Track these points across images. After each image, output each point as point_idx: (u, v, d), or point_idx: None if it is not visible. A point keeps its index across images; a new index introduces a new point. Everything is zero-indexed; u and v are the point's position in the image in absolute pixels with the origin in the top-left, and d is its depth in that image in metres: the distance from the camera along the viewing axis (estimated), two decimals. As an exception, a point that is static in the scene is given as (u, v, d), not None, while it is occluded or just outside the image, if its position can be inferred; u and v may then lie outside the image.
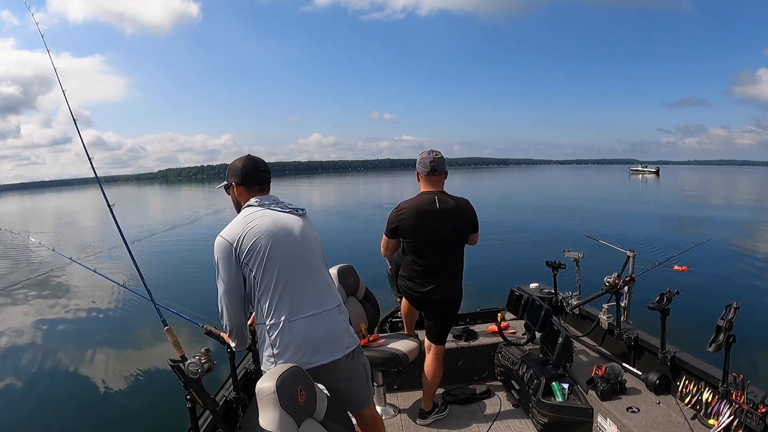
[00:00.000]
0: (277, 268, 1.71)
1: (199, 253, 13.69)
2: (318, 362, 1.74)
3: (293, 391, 1.45)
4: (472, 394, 3.04)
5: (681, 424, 2.24)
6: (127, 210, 32.51)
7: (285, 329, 1.70)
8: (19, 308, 8.89)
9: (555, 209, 23.12)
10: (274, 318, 1.71)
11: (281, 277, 1.72)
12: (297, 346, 1.71)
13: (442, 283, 2.59)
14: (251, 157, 1.88)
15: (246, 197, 1.83)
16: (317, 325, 1.75)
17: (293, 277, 1.74)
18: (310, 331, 1.73)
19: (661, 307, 2.53)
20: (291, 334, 1.71)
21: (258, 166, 1.86)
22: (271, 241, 1.71)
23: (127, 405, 4.85)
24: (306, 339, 1.72)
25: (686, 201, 28.90)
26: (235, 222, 1.75)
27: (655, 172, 73.87)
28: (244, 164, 1.84)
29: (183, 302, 2.60)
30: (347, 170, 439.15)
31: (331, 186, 70.04)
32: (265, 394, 1.40)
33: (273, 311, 1.71)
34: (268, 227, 1.73)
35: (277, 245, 1.72)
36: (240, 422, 2.45)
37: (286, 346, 1.71)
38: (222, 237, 1.71)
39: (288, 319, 1.71)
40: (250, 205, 1.80)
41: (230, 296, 1.73)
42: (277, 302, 1.71)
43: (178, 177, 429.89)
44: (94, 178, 2.21)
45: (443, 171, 2.60)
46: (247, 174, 1.84)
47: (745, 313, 2.18)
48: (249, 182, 1.84)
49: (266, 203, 1.80)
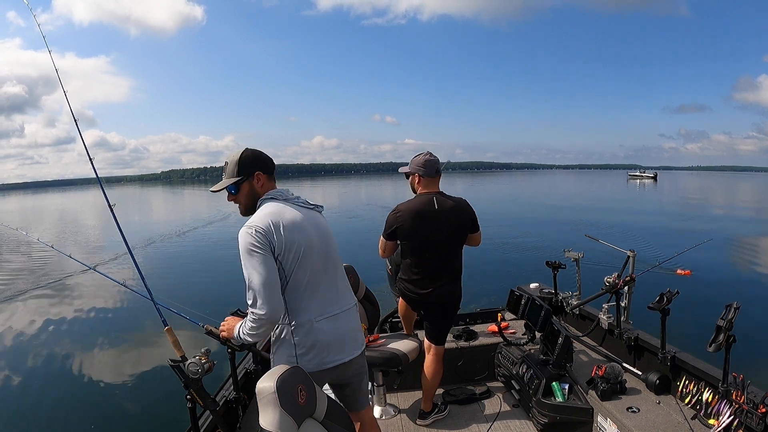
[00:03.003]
0: (310, 265, 1.66)
1: (200, 253, 13.73)
2: (340, 360, 1.73)
3: (293, 391, 1.45)
4: (472, 394, 3.04)
5: (681, 424, 2.23)
6: (129, 211, 32.55)
7: (311, 330, 1.66)
8: (19, 307, 8.89)
9: (555, 210, 23.13)
10: (301, 317, 1.66)
11: (312, 275, 1.67)
12: (321, 346, 1.68)
13: (442, 284, 2.59)
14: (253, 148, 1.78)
15: (268, 187, 1.74)
16: (339, 324, 1.74)
17: (321, 276, 1.70)
18: (334, 330, 1.71)
19: (661, 307, 2.53)
20: (316, 335, 1.67)
21: (264, 154, 1.77)
22: (305, 237, 1.66)
23: (127, 405, 4.85)
24: (330, 339, 1.70)
25: (683, 204, 28.97)
26: (266, 213, 1.64)
27: (653, 177, 73.99)
28: (258, 152, 1.74)
29: (183, 302, 2.60)
30: (350, 173, 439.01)
31: (334, 188, 70.12)
32: (266, 394, 1.39)
33: (301, 311, 1.66)
34: (301, 222, 1.67)
35: (311, 242, 1.67)
36: (240, 422, 2.45)
37: (311, 347, 1.67)
38: (256, 225, 1.59)
39: (314, 320, 1.67)
40: (273, 198, 1.71)
41: (270, 286, 1.57)
42: (307, 301, 1.67)
43: (181, 178, 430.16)
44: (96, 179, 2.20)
45: (440, 172, 2.63)
46: (269, 161, 1.75)
47: (745, 313, 2.18)
48: (271, 170, 1.75)
49: (289, 197, 1.73)
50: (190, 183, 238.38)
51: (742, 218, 20.55)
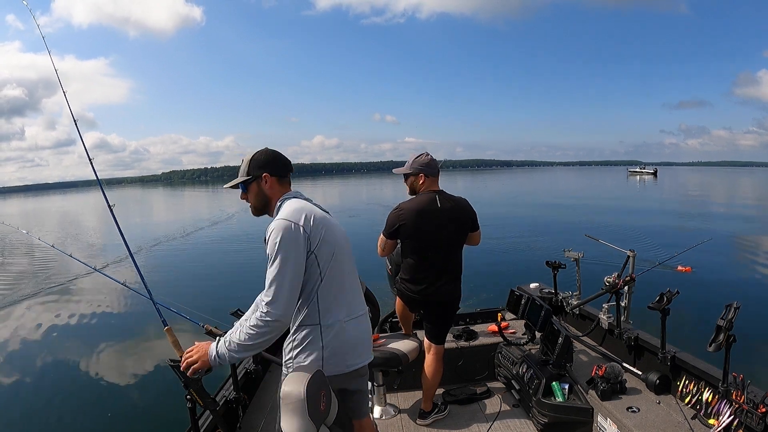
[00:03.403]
0: (342, 264, 1.64)
1: (202, 253, 13.72)
2: (360, 363, 1.71)
3: (318, 396, 1.41)
4: (472, 394, 3.04)
5: (681, 424, 2.23)
6: (130, 213, 32.57)
7: (341, 330, 1.62)
8: (19, 306, 8.89)
9: (555, 208, 23.11)
10: (332, 318, 1.62)
11: (343, 275, 1.65)
12: (347, 348, 1.65)
13: (442, 284, 2.60)
14: (272, 149, 1.72)
15: (279, 191, 1.67)
16: (362, 327, 1.73)
17: (348, 277, 1.69)
18: (358, 332, 1.70)
19: (661, 307, 2.53)
20: (345, 336, 1.64)
21: (283, 156, 1.72)
22: (335, 235, 1.63)
23: (127, 404, 4.86)
24: (356, 341, 1.68)
25: (683, 201, 28.89)
26: (298, 208, 1.59)
27: (653, 173, 73.97)
28: (273, 153, 1.69)
29: (185, 302, 2.61)
30: (350, 172, 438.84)
31: (335, 187, 70.10)
32: (293, 400, 1.34)
33: (332, 311, 1.62)
34: (329, 222, 1.64)
35: (340, 241, 1.65)
36: (240, 422, 2.46)
37: (338, 349, 1.63)
38: (291, 220, 1.53)
39: (344, 320, 1.64)
40: (295, 197, 1.66)
41: (295, 288, 1.52)
42: (337, 301, 1.63)
43: (182, 179, 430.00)
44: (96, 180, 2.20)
45: (439, 171, 2.66)
46: (279, 164, 1.69)
47: (745, 313, 2.18)
48: (283, 172, 1.69)
49: (308, 199, 1.69)
50: (191, 184, 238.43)
51: (742, 215, 20.49)
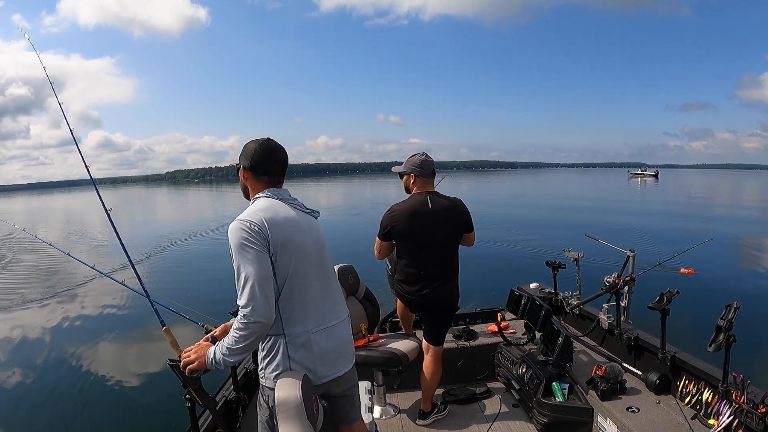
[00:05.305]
0: (306, 270, 1.55)
1: (203, 253, 13.73)
2: (333, 375, 1.63)
3: (312, 401, 1.40)
4: (472, 394, 3.04)
5: (681, 424, 2.23)
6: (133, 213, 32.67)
7: (307, 341, 1.55)
8: (19, 306, 8.89)
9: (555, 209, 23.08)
10: (298, 327, 1.54)
11: (308, 281, 1.56)
12: (316, 359, 1.56)
13: (438, 285, 2.59)
14: (269, 142, 1.63)
15: (255, 187, 1.63)
16: (335, 336, 1.64)
17: (316, 284, 1.59)
18: (330, 342, 1.61)
19: (661, 307, 2.52)
20: (312, 347, 1.56)
21: (274, 154, 1.62)
22: (301, 238, 1.54)
23: (127, 404, 4.86)
24: (326, 351, 1.59)
25: (684, 203, 28.82)
26: (259, 208, 1.52)
27: (654, 176, 73.88)
28: (258, 149, 1.60)
29: (186, 302, 2.61)
30: (355, 172, 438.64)
31: (339, 187, 70.05)
32: (290, 405, 1.33)
33: (296, 321, 1.54)
34: (296, 223, 1.56)
35: (306, 244, 1.56)
36: (240, 422, 2.46)
37: (306, 360, 1.55)
38: (248, 220, 1.47)
39: (312, 330, 1.55)
40: (268, 196, 1.59)
41: (266, 285, 1.44)
42: (303, 310, 1.55)
43: (186, 179, 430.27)
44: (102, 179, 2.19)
45: (435, 172, 2.66)
46: (260, 161, 1.60)
47: (745, 313, 2.18)
48: (258, 171, 1.61)
49: (285, 198, 1.61)
50: (195, 183, 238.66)
51: (743, 217, 20.44)
